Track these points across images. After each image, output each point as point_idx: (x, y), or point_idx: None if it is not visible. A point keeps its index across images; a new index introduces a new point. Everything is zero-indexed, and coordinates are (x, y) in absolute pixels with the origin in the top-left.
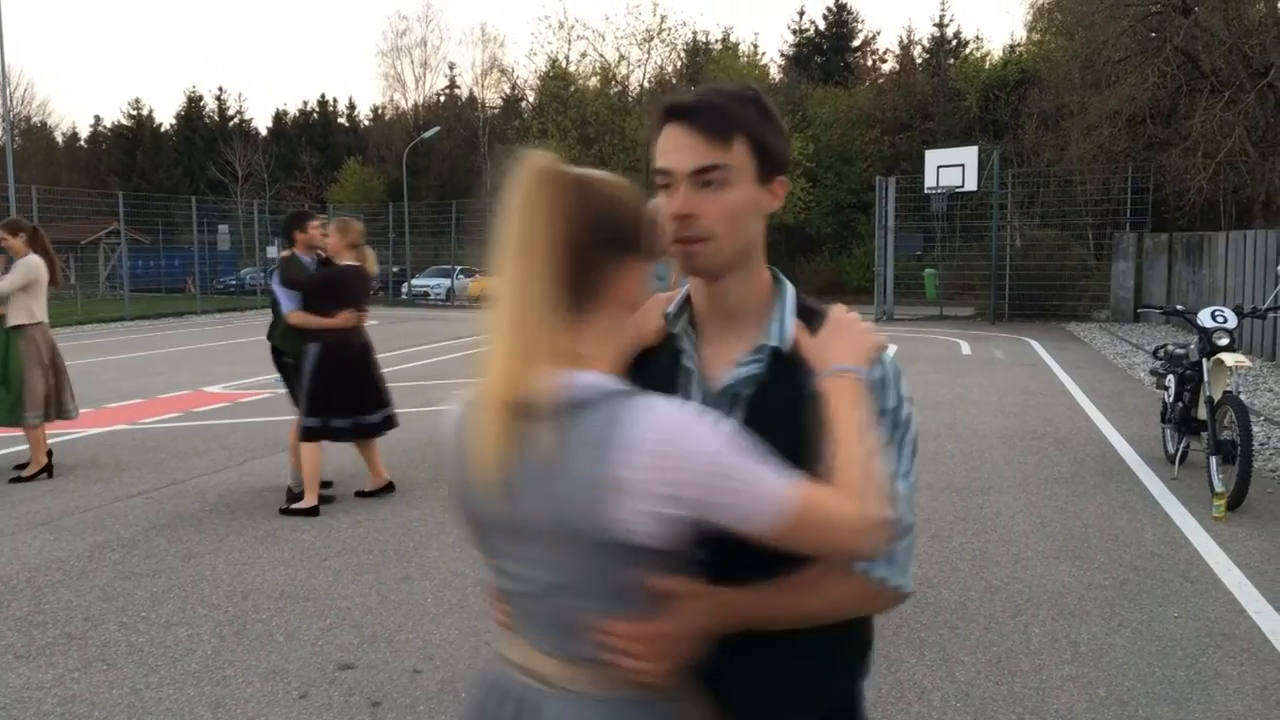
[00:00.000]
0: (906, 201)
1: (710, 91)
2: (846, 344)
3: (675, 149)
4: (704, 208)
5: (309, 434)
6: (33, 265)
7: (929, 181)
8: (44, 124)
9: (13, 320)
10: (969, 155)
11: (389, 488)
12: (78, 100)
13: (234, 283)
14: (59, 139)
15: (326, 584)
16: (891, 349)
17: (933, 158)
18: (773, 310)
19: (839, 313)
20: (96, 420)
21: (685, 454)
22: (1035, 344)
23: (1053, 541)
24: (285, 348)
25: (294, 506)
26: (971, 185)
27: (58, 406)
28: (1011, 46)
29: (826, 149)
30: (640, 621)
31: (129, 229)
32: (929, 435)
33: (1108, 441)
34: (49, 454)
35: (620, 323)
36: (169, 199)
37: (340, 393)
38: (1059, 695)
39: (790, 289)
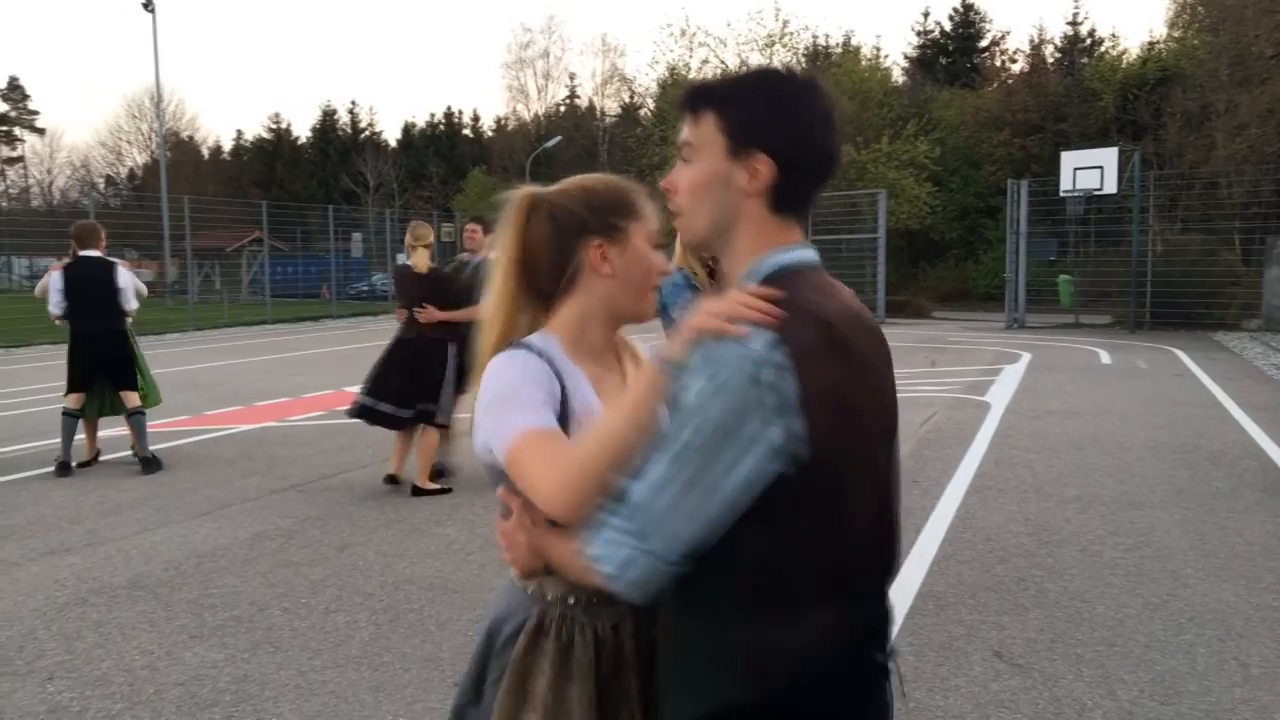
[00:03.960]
0: (1039, 205)
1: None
2: (680, 334)
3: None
4: (675, 182)
5: None
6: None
7: (1064, 184)
8: (191, 138)
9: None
10: (1108, 157)
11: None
12: (222, 115)
13: (365, 289)
14: (204, 152)
15: (472, 577)
16: (757, 342)
17: (1069, 159)
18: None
19: (707, 303)
20: (247, 417)
21: (484, 389)
22: (1180, 353)
23: (1214, 559)
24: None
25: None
26: (1111, 188)
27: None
28: (1150, 44)
29: (952, 152)
30: (501, 523)
31: (270, 237)
32: (1071, 446)
33: (1267, 456)
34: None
35: (600, 286)
36: (305, 208)
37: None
38: (1231, 719)
39: (766, 271)
